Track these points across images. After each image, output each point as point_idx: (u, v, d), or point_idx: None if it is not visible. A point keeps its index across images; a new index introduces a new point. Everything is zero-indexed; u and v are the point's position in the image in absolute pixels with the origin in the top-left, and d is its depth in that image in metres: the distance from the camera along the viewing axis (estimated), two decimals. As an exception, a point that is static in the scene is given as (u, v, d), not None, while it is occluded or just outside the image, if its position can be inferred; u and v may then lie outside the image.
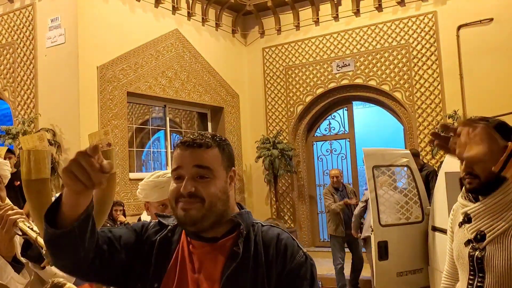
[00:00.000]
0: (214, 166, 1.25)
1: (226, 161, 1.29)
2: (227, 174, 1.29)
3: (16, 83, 7.29)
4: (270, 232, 1.30)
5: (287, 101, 9.30)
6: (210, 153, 1.26)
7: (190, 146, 1.25)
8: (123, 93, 7.25)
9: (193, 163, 1.24)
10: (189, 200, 1.22)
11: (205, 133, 1.30)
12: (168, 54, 8.10)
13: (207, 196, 1.22)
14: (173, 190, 1.25)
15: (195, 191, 1.22)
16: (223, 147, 1.29)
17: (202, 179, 1.23)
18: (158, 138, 9.49)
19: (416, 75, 8.11)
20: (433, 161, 7.74)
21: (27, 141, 1.29)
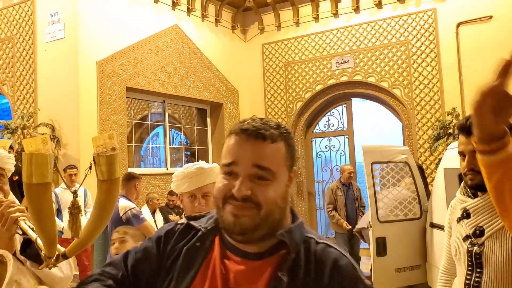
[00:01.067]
0: (277, 166, 1.02)
1: (290, 159, 1.06)
2: (289, 175, 1.06)
3: (16, 78, 7.28)
4: (325, 253, 1.04)
5: (286, 97, 9.31)
6: (274, 148, 1.02)
7: (252, 136, 1.01)
8: (122, 88, 7.24)
9: (253, 161, 1.00)
10: (242, 204, 0.99)
11: (269, 120, 1.05)
12: (168, 50, 8.10)
13: (265, 202, 0.99)
14: (222, 188, 1.02)
15: (251, 194, 0.99)
16: (289, 142, 1.06)
17: (261, 181, 1.00)
18: (157, 134, 9.49)
19: (415, 72, 8.12)
20: (431, 157, 7.76)
21: (30, 143, 1.24)
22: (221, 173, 1.04)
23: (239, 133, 1.02)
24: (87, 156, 6.63)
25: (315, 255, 1.04)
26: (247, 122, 1.04)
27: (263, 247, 1.04)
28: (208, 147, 9.30)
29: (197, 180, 2.01)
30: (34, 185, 1.26)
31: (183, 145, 9.31)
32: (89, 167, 1.38)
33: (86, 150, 6.66)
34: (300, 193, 9.28)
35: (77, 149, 6.62)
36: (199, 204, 2.02)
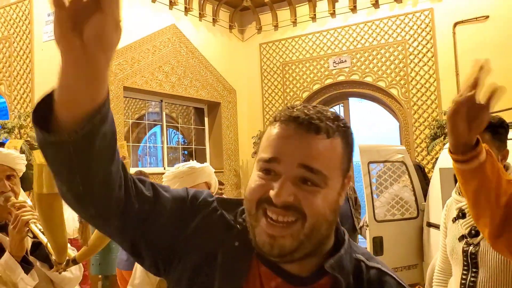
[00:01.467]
0: (331, 170, 0.80)
1: (347, 161, 0.84)
2: (343, 181, 0.84)
3: (13, 77, 7.26)
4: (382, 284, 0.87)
5: (284, 97, 9.32)
6: (330, 145, 0.80)
7: (303, 127, 0.79)
8: (119, 87, 7.24)
9: (300, 160, 0.78)
10: (282, 213, 0.78)
11: (325, 109, 0.83)
12: (165, 49, 8.09)
13: (312, 213, 0.78)
14: (256, 188, 0.81)
15: (294, 201, 0.78)
16: (348, 139, 0.84)
17: (309, 186, 0.79)
18: (155, 133, 9.49)
19: (412, 72, 8.14)
20: (428, 157, 7.79)
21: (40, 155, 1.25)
22: (258, 170, 0.82)
23: (286, 122, 0.80)
24: (84, 155, 6.63)
25: (368, 284, 0.85)
26: (297, 108, 0.82)
27: (307, 270, 0.84)
28: (206, 146, 9.31)
29: (189, 179, 1.98)
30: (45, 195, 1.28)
31: (181, 144, 9.32)
32: None
33: (84, 149, 6.65)
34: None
35: (75, 149, 6.61)
36: None
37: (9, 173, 1.79)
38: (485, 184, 1.32)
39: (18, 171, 1.84)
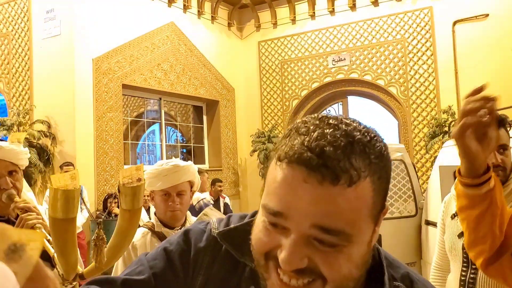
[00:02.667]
0: (356, 224, 0.62)
1: (381, 199, 0.65)
2: (375, 225, 0.66)
3: (11, 75, 7.24)
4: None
5: (282, 95, 9.31)
6: (353, 195, 0.60)
7: (316, 173, 0.60)
8: (118, 85, 7.22)
9: (313, 220, 0.61)
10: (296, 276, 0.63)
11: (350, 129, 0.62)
12: (164, 47, 8.08)
13: (333, 277, 0.63)
14: (264, 243, 0.66)
15: (309, 264, 0.62)
16: (381, 171, 0.64)
17: (327, 248, 0.62)
18: (153, 131, 9.47)
19: (411, 70, 8.14)
20: (427, 155, 7.79)
21: (58, 179, 1.23)
22: (263, 216, 0.66)
23: (294, 164, 0.61)
24: (83, 153, 6.62)
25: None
26: (311, 139, 0.61)
27: None
28: (204, 144, 9.30)
29: (173, 178, 1.93)
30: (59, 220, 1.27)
31: (179, 142, 9.31)
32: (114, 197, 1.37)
33: (82, 147, 6.64)
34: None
35: (73, 146, 6.60)
36: (173, 202, 1.93)
37: (11, 169, 1.72)
38: (492, 210, 1.25)
39: (21, 166, 1.77)
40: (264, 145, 8.73)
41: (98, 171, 6.80)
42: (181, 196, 1.96)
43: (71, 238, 1.33)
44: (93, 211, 6.50)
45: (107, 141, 6.97)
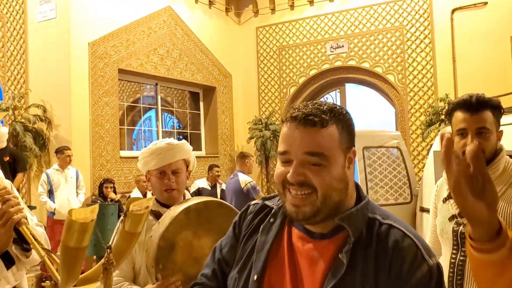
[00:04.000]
0: (330, 151, 1.01)
1: (346, 141, 1.05)
2: (346, 156, 1.05)
3: (6, 58, 7.18)
4: (388, 235, 1.03)
5: (280, 82, 9.27)
6: (326, 133, 1.01)
7: (302, 124, 1.01)
8: (114, 70, 7.18)
9: (303, 150, 1.01)
10: (299, 189, 1.02)
11: (322, 103, 1.06)
12: (160, 31, 8.01)
13: (320, 186, 1.01)
14: (279, 174, 1.06)
15: (305, 179, 1.01)
16: (343, 124, 1.04)
17: (315, 166, 1.01)
18: (150, 118, 9.44)
19: (409, 58, 8.11)
20: (423, 143, 7.80)
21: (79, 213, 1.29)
22: (279, 161, 1.07)
23: (290, 121, 1.04)
24: (78, 137, 6.60)
25: (377, 237, 1.03)
26: (298, 108, 1.05)
27: (327, 228, 1.07)
28: (201, 131, 9.28)
29: (167, 156, 1.92)
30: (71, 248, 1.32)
31: (176, 129, 9.28)
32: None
33: (78, 132, 6.62)
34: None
35: (69, 131, 6.58)
36: (168, 180, 1.92)
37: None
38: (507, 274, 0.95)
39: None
40: (261, 132, 8.71)
41: (94, 156, 6.79)
42: (177, 175, 1.94)
43: (79, 263, 1.38)
44: (89, 196, 6.50)
45: (103, 126, 6.94)
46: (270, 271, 1.11)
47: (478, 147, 0.88)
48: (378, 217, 1.07)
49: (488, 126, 1.73)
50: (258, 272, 1.10)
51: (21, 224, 1.49)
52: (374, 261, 1.00)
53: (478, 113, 1.74)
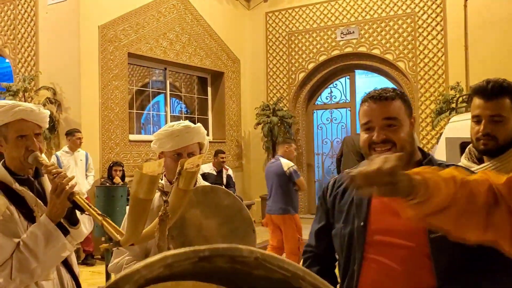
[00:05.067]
0: (400, 115, 1.44)
1: (408, 110, 1.47)
2: (410, 120, 1.47)
3: (17, 40, 7.19)
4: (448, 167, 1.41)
5: (288, 67, 9.22)
6: (395, 104, 1.44)
7: (378, 99, 1.44)
8: (124, 53, 7.17)
9: (382, 116, 1.43)
10: (383, 145, 1.42)
11: (386, 88, 1.50)
12: (170, 16, 7.98)
13: (398, 141, 1.42)
14: (366, 139, 1.46)
15: (387, 137, 1.42)
16: (404, 98, 1.48)
17: (391, 127, 1.42)
18: (158, 102, 9.45)
19: (420, 45, 8.02)
20: (433, 132, 7.76)
21: (149, 166, 1.43)
22: (362, 131, 1.48)
23: (368, 100, 1.47)
24: (88, 120, 6.62)
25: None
26: (372, 91, 1.49)
27: None
28: (208, 116, 9.28)
29: (184, 138, 1.93)
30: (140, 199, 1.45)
31: (183, 114, 9.29)
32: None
33: (88, 114, 6.64)
34: (299, 164, 9.30)
35: (79, 114, 6.60)
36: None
37: (37, 131, 1.80)
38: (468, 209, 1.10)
39: (44, 128, 1.86)
40: (269, 118, 8.70)
41: (103, 139, 6.82)
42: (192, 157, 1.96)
43: (145, 215, 1.50)
44: (98, 178, 6.54)
45: (112, 109, 6.96)
46: (372, 218, 1.47)
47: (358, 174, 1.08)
48: (443, 162, 1.56)
49: (503, 113, 1.71)
50: (363, 219, 1.47)
51: (74, 194, 1.65)
52: None
53: (493, 99, 1.72)
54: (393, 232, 1.42)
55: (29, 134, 1.76)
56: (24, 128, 1.76)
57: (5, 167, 1.79)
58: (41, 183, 1.88)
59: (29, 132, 1.76)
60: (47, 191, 1.84)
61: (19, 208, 1.73)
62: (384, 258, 1.42)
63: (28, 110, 1.77)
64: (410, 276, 1.38)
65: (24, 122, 1.76)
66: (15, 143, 1.75)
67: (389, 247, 1.42)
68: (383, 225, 1.45)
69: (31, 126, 1.77)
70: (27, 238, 1.68)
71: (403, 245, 1.40)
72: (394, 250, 1.41)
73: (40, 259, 1.66)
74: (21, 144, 1.75)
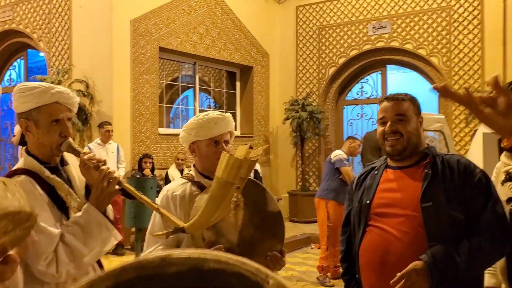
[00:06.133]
0: (408, 112, 1.82)
1: (416, 109, 1.86)
2: (417, 119, 1.85)
3: (51, 34, 7.35)
4: (451, 158, 1.79)
5: (319, 62, 9.12)
6: (405, 104, 1.83)
7: (391, 100, 1.85)
8: (154, 48, 7.23)
9: (394, 113, 1.82)
10: (393, 136, 1.80)
11: (400, 93, 1.90)
12: (200, 10, 8.00)
13: (405, 133, 1.80)
14: (381, 131, 1.86)
15: (396, 129, 1.80)
16: (413, 101, 1.88)
17: (401, 122, 1.80)
18: (187, 97, 9.51)
19: (455, 40, 7.80)
20: (466, 129, 7.55)
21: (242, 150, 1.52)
22: (379, 125, 1.88)
23: (385, 100, 1.88)
24: (119, 113, 6.72)
25: (443, 160, 1.79)
26: (389, 95, 1.91)
27: (413, 160, 1.85)
28: (236, 111, 9.27)
29: (221, 125, 1.92)
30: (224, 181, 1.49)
31: (212, 108, 9.32)
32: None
33: (119, 108, 6.74)
34: (328, 160, 9.22)
35: (110, 107, 6.71)
36: (223, 149, 1.89)
37: (69, 116, 1.71)
38: None
39: (73, 114, 1.76)
40: (298, 113, 8.63)
41: (134, 132, 6.91)
42: (227, 145, 1.96)
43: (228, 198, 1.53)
44: (129, 170, 6.64)
45: (143, 103, 7.04)
46: (376, 196, 1.85)
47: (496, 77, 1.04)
48: (443, 153, 1.87)
49: None
50: (370, 198, 1.86)
51: (122, 182, 1.63)
52: (448, 170, 1.75)
53: None
54: (392, 205, 1.79)
55: (63, 118, 1.67)
56: (58, 112, 1.66)
57: (30, 155, 1.68)
58: (66, 171, 1.78)
59: (62, 117, 1.66)
60: (72, 180, 1.76)
61: (52, 198, 1.64)
62: (383, 225, 1.78)
63: (65, 92, 1.69)
64: (404, 239, 1.71)
65: (58, 106, 1.66)
66: (48, 128, 1.64)
67: (387, 217, 1.79)
68: (384, 200, 1.82)
69: (64, 110, 1.67)
70: (72, 228, 1.60)
71: (399, 214, 1.76)
72: (391, 219, 1.77)
73: (88, 250, 1.60)
74: (54, 130, 1.65)
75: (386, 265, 1.72)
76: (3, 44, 8.43)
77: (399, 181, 1.81)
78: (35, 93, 1.64)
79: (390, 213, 1.77)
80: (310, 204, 8.37)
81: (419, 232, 1.67)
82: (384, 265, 1.74)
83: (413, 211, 1.70)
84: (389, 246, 1.72)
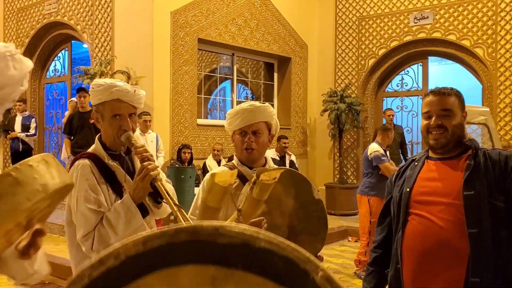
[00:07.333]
0: (453, 107, 1.83)
1: (461, 105, 1.87)
2: (462, 113, 1.86)
3: (94, 26, 7.56)
4: (493, 151, 1.82)
5: (358, 53, 8.98)
6: (450, 99, 1.84)
7: (437, 94, 1.86)
8: (194, 39, 7.32)
9: (440, 107, 1.83)
10: (438, 130, 1.82)
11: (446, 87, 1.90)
12: (239, 1, 8.02)
13: (450, 127, 1.81)
14: (425, 125, 1.88)
15: (442, 123, 1.82)
16: (459, 96, 1.88)
17: (445, 116, 1.82)
18: (224, 88, 9.58)
19: (502, 30, 7.50)
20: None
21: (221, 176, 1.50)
22: (423, 119, 1.90)
23: (430, 94, 1.89)
24: (159, 103, 6.85)
25: (488, 153, 1.80)
26: (435, 88, 1.91)
27: (455, 153, 1.87)
28: (274, 102, 9.28)
29: (249, 116, 1.98)
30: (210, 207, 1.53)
31: (249, 99, 9.35)
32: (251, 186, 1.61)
33: (159, 98, 6.87)
34: (365, 153, 9.10)
35: (151, 97, 6.85)
36: (248, 139, 1.98)
37: (131, 111, 1.87)
38: None
39: (139, 109, 1.95)
40: (336, 105, 8.54)
41: (173, 122, 7.04)
42: (257, 135, 2.00)
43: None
44: (168, 160, 6.78)
45: (182, 94, 7.16)
46: (416, 184, 1.88)
47: None
48: (484, 148, 1.87)
49: None
50: (410, 186, 1.89)
51: (157, 180, 1.71)
52: (489, 162, 1.76)
53: None
54: (433, 193, 1.82)
55: (123, 113, 1.84)
56: (119, 108, 1.84)
57: (100, 142, 1.90)
58: (131, 159, 1.96)
59: (123, 112, 1.84)
60: (136, 168, 1.91)
61: (109, 182, 1.83)
62: (425, 212, 1.81)
63: (124, 91, 1.84)
64: (445, 226, 1.75)
65: (119, 102, 1.84)
66: (109, 122, 1.85)
67: (428, 205, 1.82)
68: (425, 189, 1.85)
69: (125, 107, 1.85)
70: (111, 213, 1.75)
71: (440, 202, 1.79)
72: (432, 207, 1.80)
73: (119, 236, 1.72)
74: (115, 123, 1.84)
75: (427, 252, 1.78)
76: (49, 35, 8.74)
77: (440, 171, 1.84)
78: (99, 90, 1.85)
79: (431, 200, 1.81)
80: (347, 197, 8.32)
81: (460, 219, 1.71)
82: (425, 252, 1.78)
83: (454, 199, 1.75)
84: (430, 233, 1.77)
